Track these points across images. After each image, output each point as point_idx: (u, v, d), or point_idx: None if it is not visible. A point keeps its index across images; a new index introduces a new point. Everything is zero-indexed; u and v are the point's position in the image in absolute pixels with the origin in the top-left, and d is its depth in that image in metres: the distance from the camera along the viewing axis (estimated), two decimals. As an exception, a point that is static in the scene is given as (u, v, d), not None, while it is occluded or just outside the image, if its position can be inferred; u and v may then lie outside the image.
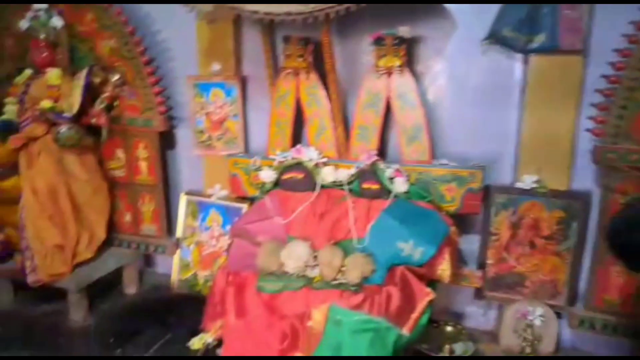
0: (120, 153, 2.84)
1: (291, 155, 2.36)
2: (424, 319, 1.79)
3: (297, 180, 2.33)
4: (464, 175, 2.15)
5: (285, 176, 2.35)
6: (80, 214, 2.62)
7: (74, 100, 2.51)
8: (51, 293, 2.63)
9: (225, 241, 2.81)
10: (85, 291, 2.62)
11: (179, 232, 2.94)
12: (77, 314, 2.63)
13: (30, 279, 2.44)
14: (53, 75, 2.58)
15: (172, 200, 2.98)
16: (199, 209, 2.90)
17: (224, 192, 2.82)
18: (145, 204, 2.89)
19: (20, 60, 2.82)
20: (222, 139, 2.76)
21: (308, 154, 2.32)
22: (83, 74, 2.53)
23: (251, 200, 2.61)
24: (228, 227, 2.81)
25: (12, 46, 2.87)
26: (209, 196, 2.85)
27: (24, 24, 2.59)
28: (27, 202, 2.42)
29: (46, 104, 2.52)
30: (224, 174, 2.66)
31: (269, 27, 2.38)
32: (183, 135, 2.91)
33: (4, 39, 2.88)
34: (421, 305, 1.78)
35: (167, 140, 2.91)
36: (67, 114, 2.48)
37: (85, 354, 2.39)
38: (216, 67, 2.68)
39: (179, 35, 2.69)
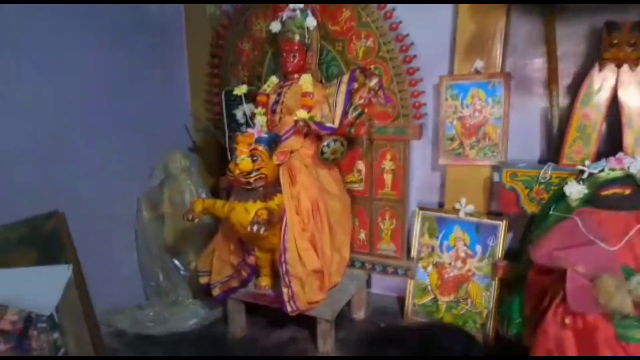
0: (360, 165, 2.57)
1: (609, 165, 1.96)
2: None
3: (622, 196, 1.92)
4: None
5: (605, 192, 1.95)
6: (333, 234, 2.36)
7: (337, 109, 2.26)
8: (282, 319, 2.40)
9: (475, 264, 2.47)
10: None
11: (413, 251, 2.64)
12: (326, 344, 2.37)
13: (289, 307, 2.19)
14: (307, 81, 2.35)
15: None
16: (438, 226, 2.59)
17: (471, 207, 2.48)
18: (386, 221, 2.60)
19: (257, 66, 2.63)
20: (476, 146, 2.42)
21: (636, 165, 1.92)
22: (344, 78, 2.28)
23: (507, 218, 2.34)
24: (478, 248, 2.47)
25: (248, 51, 2.69)
26: (454, 211, 2.52)
27: (275, 26, 2.40)
28: (290, 223, 2.18)
29: (302, 113, 2.29)
30: (472, 185, 2.41)
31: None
32: (417, 143, 2.60)
33: (241, 44, 2.72)
34: None
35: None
36: (330, 125, 2.23)
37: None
38: (479, 64, 2.35)
39: (424, 32, 2.39)
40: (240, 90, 2.25)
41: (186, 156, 2.83)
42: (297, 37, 2.34)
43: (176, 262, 2.87)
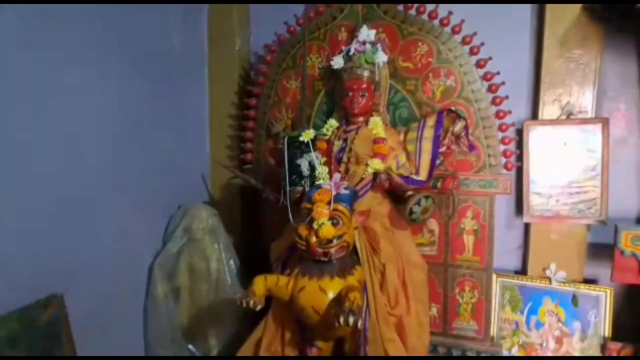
0: (433, 224, 2.14)
1: None
2: None
3: None
4: None
5: None
6: (409, 305, 1.87)
7: (422, 158, 1.86)
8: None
9: (575, 345, 2.06)
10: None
11: (493, 328, 2.20)
12: None
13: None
14: (378, 125, 1.95)
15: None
16: (523, 297, 2.17)
17: (563, 274, 2.10)
18: (465, 293, 2.15)
19: (305, 107, 2.20)
20: (569, 202, 2.06)
21: None
22: (429, 122, 1.89)
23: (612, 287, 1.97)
24: (576, 324, 2.07)
25: (296, 90, 2.27)
26: (542, 279, 2.13)
27: (338, 61, 2.00)
28: (372, 304, 1.70)
29: (377, 164, 1.87)
30: (563, 248, 2.09)
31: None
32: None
33: (287, 82, 2.29)
34: None
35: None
36: (417, 178, 1.81)
37: None
38: (570, 107, 2.03)
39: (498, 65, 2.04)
40: (308, 135, 1.80)
41: (214, 214, 2.31)
42: (366, 74, 1.95)
43: (191, 348, 2.28)
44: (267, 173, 2.13)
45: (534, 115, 2.17)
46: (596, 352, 2.05)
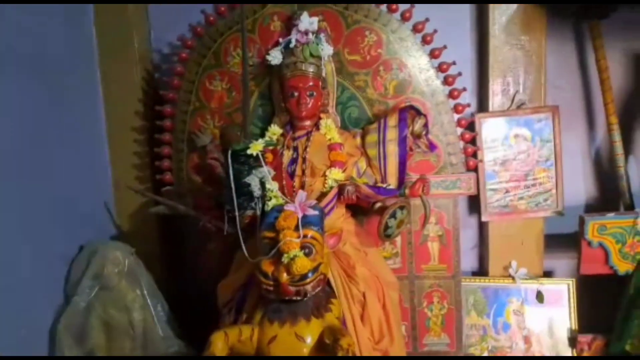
0: (394, 235, 1.92)
1: None
2: None
3: None
4: None
5: None
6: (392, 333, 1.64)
7: (387, 164, 1.62)
8: None
9: (544, 342, 2.00)
10: None
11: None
12: None
13: None
14: (331, 128, 1.67)
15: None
16: (487, 299, 2.07)
17: (524, 270, 2.04)
18: (434, 305, 1.97)
19: (234, 113, 1.86)
20: (525, 196, 1.99)
21: None
22: (390, 122, 1.66)
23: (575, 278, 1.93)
24: (543, 321, 2.02)
25: (222, 93, 1.90)
26: (505, 278, 2.05)
27: (276, 56, 1.68)
28: (354, 335, 1.43)
29: (337, 174, 1.60)
30: (522, 243, 2.01)
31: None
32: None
33: (209, 84, 1.90)
34: None
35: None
36: (390, 187, 1.58)
37: None
38: (521, 96, 1.96)
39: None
40: (257, 147, 1.44)
41: (130, 253, 1.85)
42: (312, 70, 1.66)
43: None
44: (199, 197, 1.73)
45: (482, 107, 2.05)
46: (565, 347, 1.99)
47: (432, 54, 1.77)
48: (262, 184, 1.48)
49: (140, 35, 2.12)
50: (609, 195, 2.09)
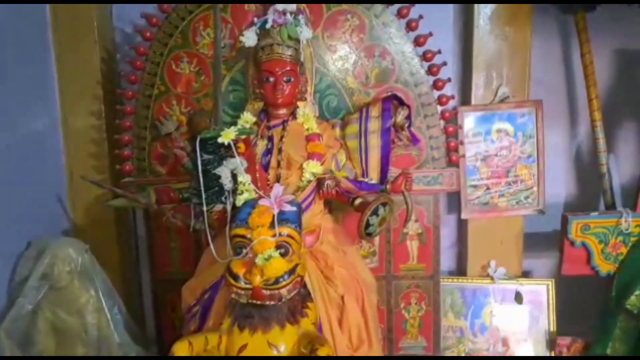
0: (371, 233, 1.82)
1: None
2: None
3: None
4: None
5: None
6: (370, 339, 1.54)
7: (369, 157, 1.51)
8: None
9: (524, 345, 1.95)
10: None
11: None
12: None
13: None
14: (309, 118, 1.55)
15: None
16: (465, 300, 2.01)
17: (502, 270, 1.99)
18: (412, 307, 1.89)
19: (204, 98, 1.71)
20: (506, 193, 1.93)
21: None
22: (372, 112, 1.55)
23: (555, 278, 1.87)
24: (523, 322, 1.98)
25: (190, 76, 1.74)
26: (483, 278, 1.99)
27: (251, 37, 1.54)
28: (331, 341, 1.32)
29: (315, 166, 1.48)
30: (501, 242, 1.95)
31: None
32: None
33: (176, 66, 1.74)
34: None
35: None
36: (372, 182, 1.47)
37: None
38: (504, 91, 1.89)
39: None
40: (228, 135, 1.30)
41: (84, 250, 1.68)
42: (289, 53, 1.52)
43: None
44: (161, 188, 1.58)
45: (464, 100, 1.97)
46: (543, 349, 1.94)
47: (417, 42, 1.67)
48: (234, 176, 1.35)
49: (100, 11, 1.94)
50: (589, 193, 2.05)
